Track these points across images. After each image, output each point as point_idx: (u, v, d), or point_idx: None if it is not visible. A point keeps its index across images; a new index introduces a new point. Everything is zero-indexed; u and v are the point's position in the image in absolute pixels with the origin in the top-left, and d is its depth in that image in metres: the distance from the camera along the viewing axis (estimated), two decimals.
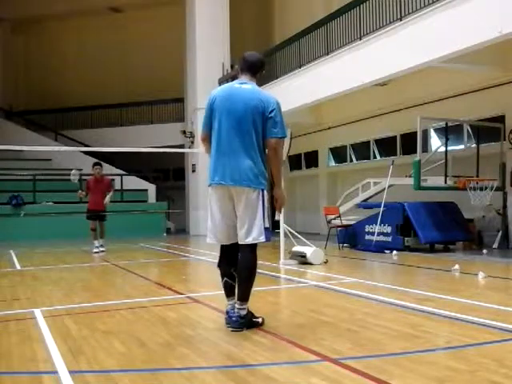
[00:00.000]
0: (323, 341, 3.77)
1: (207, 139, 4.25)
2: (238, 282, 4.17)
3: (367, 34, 10.75)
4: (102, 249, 11.17)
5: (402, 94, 12.78)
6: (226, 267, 4.27)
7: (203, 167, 17.75)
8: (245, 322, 4.12)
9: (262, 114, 4.06)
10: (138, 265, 9.25)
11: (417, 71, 10.20)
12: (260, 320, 4.27)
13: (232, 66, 17.86)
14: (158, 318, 4.72)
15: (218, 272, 4.39)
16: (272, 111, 4.06)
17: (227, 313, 4.26)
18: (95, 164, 11.32)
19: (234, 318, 4.13)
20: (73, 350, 3.70)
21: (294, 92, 13.43)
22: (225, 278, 4.26)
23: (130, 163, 20.18)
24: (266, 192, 4.18)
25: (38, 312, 4.99)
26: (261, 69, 4.30)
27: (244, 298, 4.13)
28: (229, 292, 4.26)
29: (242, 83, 4.19)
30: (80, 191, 11.34)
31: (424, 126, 11.14)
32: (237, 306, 4.13)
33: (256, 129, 4.06)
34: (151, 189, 19.65)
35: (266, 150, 4.15)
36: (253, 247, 4.15)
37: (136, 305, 5.32)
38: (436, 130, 12.68)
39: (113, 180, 11.98)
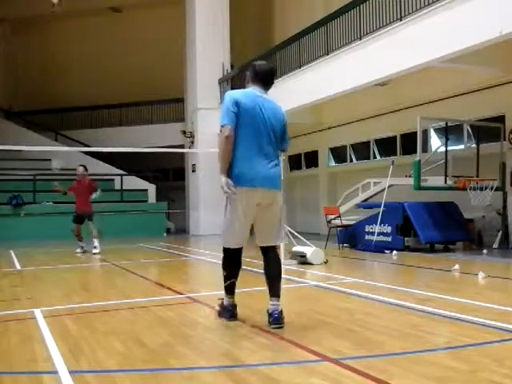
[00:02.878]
0: (323, 341, 3.77)
1: (233, 136, 4.11)
2: (272, 280, 4.27)
3: (367, 34, 10.73)
4: (95, 251, 10.99)
5: (402, 94, 12.77)
6: (237, 269, 4.50)
7: (203, 167, 17.75)
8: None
9: (283, 126, 4.40)
10: (138, 265, 9.25)
11: (417, 71, 10.18)
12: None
13: (232, 66, 17.86)
14: (157, 317, 4.72)
15: (217, 272, 4.40)
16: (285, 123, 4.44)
17: (233, 307, 4.52)
18: (80, 166, 11.60)
19: (276, 315, 4.14)
20: (73, 350, 3.70)
21: (294, 92, 13.41)
22: (233, 279, 4.47)
23: (130, 163, 20.17)
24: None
25: (38, 312, 4.99)
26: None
27: (279, 294, 4.26)
28: (233, 290, 4.53)
29: (262, 94, 4.36)
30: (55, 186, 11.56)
31: (424, 126, 11.13)
32: (276, 303, 4.20)
33: (277, 138, 4.33)
34: (151, 189, 19.64)
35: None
36: (276, 248, 4.42)
37: (136, 305, 5.32)
38: (436, 130, 12.67)
39: (95, 181, 12.25)
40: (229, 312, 4.50)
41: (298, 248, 8.82)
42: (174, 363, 3.38)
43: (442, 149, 10.85)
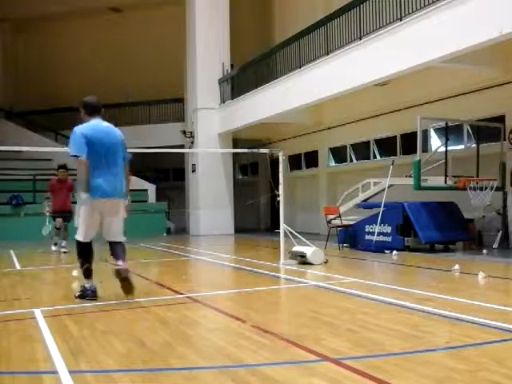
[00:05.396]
0: (323, 341, 3.77)
1: (87, 162, 5.39)
2: (119, 255, 5.67)
3: (367, 34, 10.74)
4: (64, 250, 11.31)
5: (402, 94, 12.76)
6: (91, 256, 5.69)
7: (203, 167, 17.78)
8: None
9: (122, 144, 5.73)
10: (138, 265, 9.24)
11: (417, 71, 10.19)
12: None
13: (232, 66, 17.86)
14: (157, 317, 4.72)
15: (217, 272, 4.40)
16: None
17: (95, 288, 5.56)
18: (60, 167, 11.95)
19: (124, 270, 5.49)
20: (73, 349, 3.70)
21: (294, 92, 13.42)
22: (88, 265, 5.61)
23: (130, 163, 20.15)
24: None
25: (38, 312, 4.99)
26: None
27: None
28: (91, 274, 5.64)
29: (101, 122, 5.71)
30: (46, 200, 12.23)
31: (424, 125, 11.12)
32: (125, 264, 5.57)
33: (120, 156, 5.68)
34: (151, 189, 19.63)
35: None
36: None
37: (136, 305, 5.33)
38: (436, 130, 12.67)
39: (74, 181, 12.78)
40: (92, 292, 5.48)
41: (297, 248, 8.81)
42: (174, 363, 3.38)
43: (442, 149, 10.84)
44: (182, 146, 18.74)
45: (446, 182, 10.40)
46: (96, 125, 5.59)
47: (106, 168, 5.44)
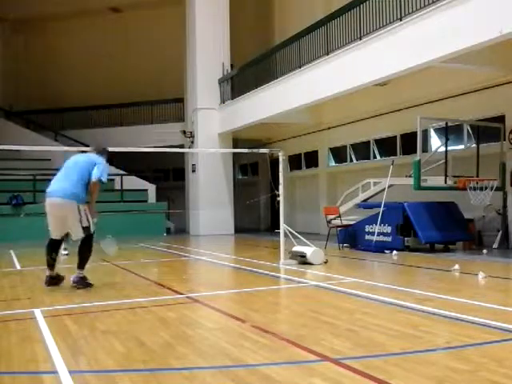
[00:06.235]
0: (323, 341, 3.77)
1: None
2: (80, 256, 6.74)
3: (367, 34, 10.73)
4: (66, 252, 11.10)
5: (401, 94, 12.76)
6: (56, 251, 6.88)
7: (203, 167, 17.78)
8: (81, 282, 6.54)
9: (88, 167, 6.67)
10: (138, 265, 9.25)
11: (417, 71, 10.19)
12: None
13: (232, 66, 17.87)
14: (158, 318, 4.72)
15: (217, 272, 4.40)
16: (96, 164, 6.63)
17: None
18: None
19: (76, 279, 6.58)
20: (73, 349, 3.71)
21: (294, 92, 13.42)
22: (47, 257, 6.73)
23: (130, 163, 20.17)
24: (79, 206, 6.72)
25: (38, 312, 5.00)
26: (104, 152, 6.97)
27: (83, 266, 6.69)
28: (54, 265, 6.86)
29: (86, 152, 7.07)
30: None
31: (424, 126, 11.12)
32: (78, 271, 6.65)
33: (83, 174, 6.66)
34: (151, 189, 19.63)
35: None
36: (89, 238, 6.71)
37: (136, 305, 5.33)
38: (436, 130, 12.67)
39: None
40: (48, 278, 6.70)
41: (297, 248, 8.81)
42: (174, 363, 3.38)
43: (442, 149, 10.84)
44: (181, 146, 18.74)
45: (446, 182, 10.39)
46: (82, 154, 7.21)
47: (59, 177, 6.85)
